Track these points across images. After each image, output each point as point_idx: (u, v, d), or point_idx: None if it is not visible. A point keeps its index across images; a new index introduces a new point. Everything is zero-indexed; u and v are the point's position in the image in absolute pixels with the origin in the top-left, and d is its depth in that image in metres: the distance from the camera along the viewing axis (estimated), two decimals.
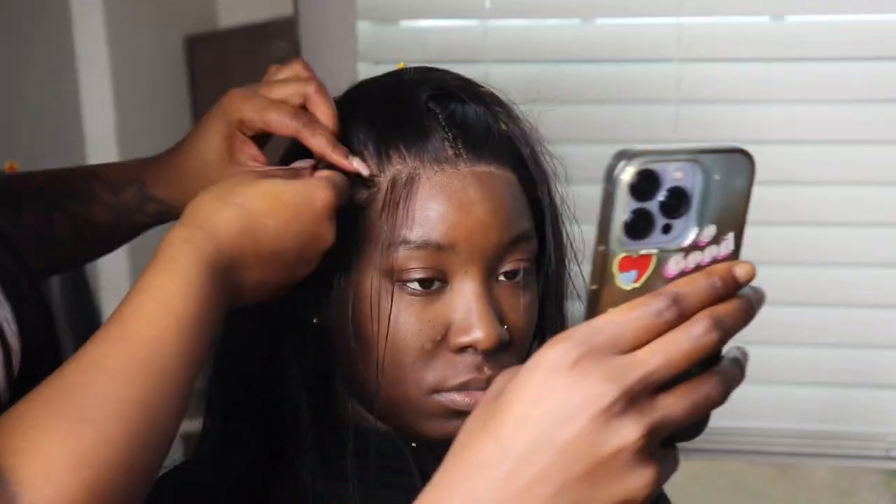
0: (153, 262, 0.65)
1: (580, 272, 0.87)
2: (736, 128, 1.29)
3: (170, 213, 0.85)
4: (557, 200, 0.85)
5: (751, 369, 1.48)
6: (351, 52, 1.30)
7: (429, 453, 0.81)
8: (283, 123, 0.77)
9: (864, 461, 1.35)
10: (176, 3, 2.40)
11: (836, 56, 1.28)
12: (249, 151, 0.80)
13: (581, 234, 0.87)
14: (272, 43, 2.10)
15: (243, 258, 0.67)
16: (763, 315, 1.48)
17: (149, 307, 0.61)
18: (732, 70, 1.29)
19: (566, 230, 0.86)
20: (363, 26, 1.31)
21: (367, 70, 1.30)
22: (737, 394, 1.40)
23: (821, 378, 1.32)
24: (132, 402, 0.57)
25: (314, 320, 0.79)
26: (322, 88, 0.79)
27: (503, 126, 0.81)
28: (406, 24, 1.35)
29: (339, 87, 0.86)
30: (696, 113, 1.29)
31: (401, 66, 0.85)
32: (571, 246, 0.86)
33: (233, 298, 0.68)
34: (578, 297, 0.88)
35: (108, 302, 1.82)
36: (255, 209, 0.68)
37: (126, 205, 0.86)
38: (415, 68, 0.84)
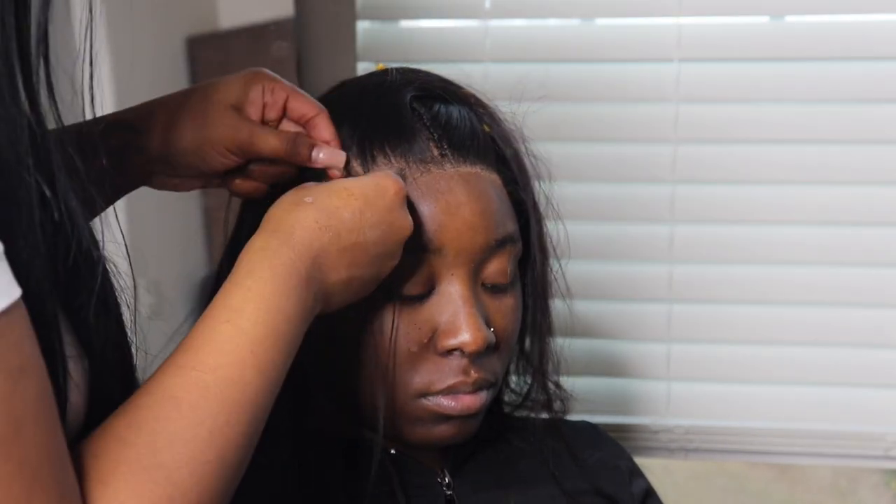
0: (231, 275, 0.63)
1: (562, 271, 0.87)
2: (735, 128, 1.29)
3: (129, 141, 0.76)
4: (542, 201, 0.84)
5: (751, 369, 1.49)
6: (351, 52, 1.30)
7: (408, 461, 0.80)
8: (310, 103, 0.77)
9: (864, 461, 1.35)
10: (176, 3, 2.40)
11: (836, 56, 1.28)
12: (255, 110, 0.77)
13: (566, 232, 0.87)
14: (272, 43, 2.09)
15: (326, 256, 0.66)
16: (763, 315, 1.49)
17: (222, 331, 0.59)
18: (732, 70, 1.29)
19: (548, 230, 0.85)
20: (363, 26, 1.31)
21: (366, 70, 1.30)
22: (737, 394, 1.41)
23: (821, 378, 1.32)
24: (204, 443, 0.55)
25: None
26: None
27: (486, 127, 0.80)
28: (406, 24, 1.34)
29: None
30: (695, 113, 1.29)
31: (380, 66, 0.85)
32: (554, 249, 0.85)
33: (323, 300, 0.67)
34: (562, 296, 0.88)
35: None
36: (329, 204, 0.67)
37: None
38: (397, 69, 0.82)
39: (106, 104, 2.09)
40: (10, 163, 0.48)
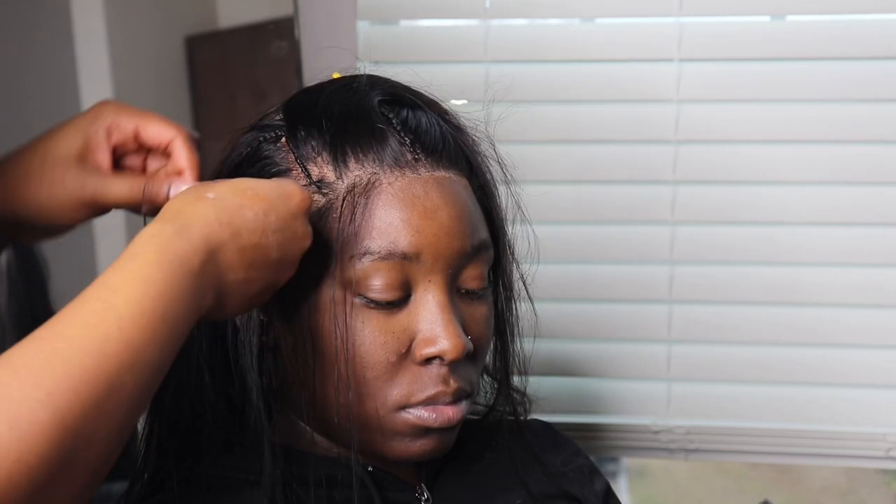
0: (116, 260, 0.59)
1: (519, 277, 0.86)
2: (736, 128, 1.29)
3: None
4: (512, 206, 0.83)
5: (751, 369, 1.49)
6: (351, 52, 1.30)
7: (388, 477, 0.79)
8: (162, 127, 0.74)
9: (865, 461, 1.35)
10: (176, 3, 2.40)
11: (837, 56, 1.28)
12: (101, 156, 0.74)
13: (535, 235, 0.86)
14: (272, 43, 2.10)
15: (225, 252, 0.63)
16: (763, 315, 1.49)
17: (90, 306, 0.56)
18: (732, 70, 1.29)
19: (515, 237, 0.84)
20: (363, 26, 1.31)
21: (366, 70, 1.29)
22: (737, 394, 1.41)
23: (821, 378, 1.32)
24: (39, 404, 0.51)
25: (263, 338, 0.75)
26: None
27: (452, 133, 0.79)
28: (406, 24, 1.34)
29: None
30: (696, 113, 1.29)
31: (335, 75, 0.82)
32: (512, 253, 0.85)
33: (218, 298, 0.64)
34: (529, 298, 0.87)
35: None
36: (232, 202, 0.65)
37: None
38: (359, 76, 0.81)
39: None
40: None
